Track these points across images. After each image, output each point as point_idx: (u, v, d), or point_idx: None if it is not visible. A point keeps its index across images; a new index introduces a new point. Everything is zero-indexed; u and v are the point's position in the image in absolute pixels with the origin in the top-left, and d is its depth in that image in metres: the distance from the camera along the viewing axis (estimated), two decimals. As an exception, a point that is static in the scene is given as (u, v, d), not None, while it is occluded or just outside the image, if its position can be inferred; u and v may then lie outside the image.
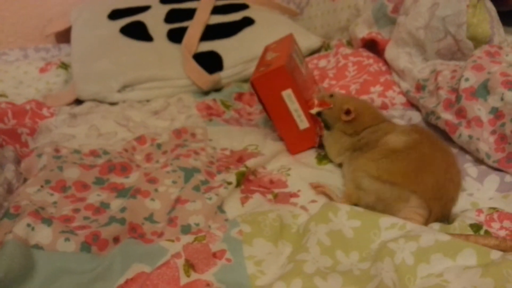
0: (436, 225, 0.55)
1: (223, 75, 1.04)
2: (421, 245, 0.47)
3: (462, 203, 0.61)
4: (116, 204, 0.59)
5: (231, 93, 0.95)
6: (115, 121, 0.82)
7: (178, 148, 0.71)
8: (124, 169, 0.66)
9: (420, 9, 0.89)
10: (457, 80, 0.74)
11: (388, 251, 0.47)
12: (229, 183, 0.61)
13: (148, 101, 1.00)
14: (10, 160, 0.69)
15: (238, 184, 0.63)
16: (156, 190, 0.60)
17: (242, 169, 0.64)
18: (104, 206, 0.58)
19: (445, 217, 0.57)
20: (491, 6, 0.89)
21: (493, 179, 0.64)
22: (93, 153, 0.73)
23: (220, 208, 0.59)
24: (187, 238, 0.49)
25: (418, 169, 0.56)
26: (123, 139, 0.78)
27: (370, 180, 0.58)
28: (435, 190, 0.55)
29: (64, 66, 1.14)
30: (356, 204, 0.58)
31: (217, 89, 1.05)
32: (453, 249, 0.47)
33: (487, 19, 0.86)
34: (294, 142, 0.74)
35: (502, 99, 0.68)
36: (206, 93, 1.03)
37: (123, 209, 0.55)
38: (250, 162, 0.66)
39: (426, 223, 0.55)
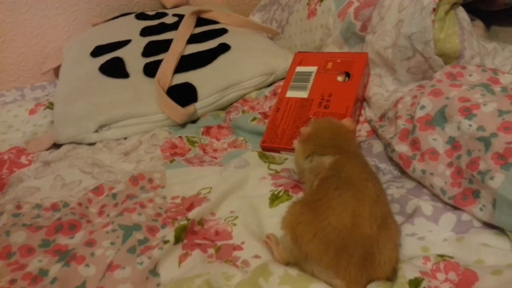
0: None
1: (198, 106, 1.03)
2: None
3: (411, 249, 0.57)
4: (55, 270, 0.59)
5: (199, 128, 0.94)
6: (80, 169, 0.83)
7: (127, 200, 0.71)
8: (72, 228, 0.66)
9: (386, 27, 0.85)
10: (415, 108, 0.70)
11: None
12: (166, 242, 0.60)
13: (125, 138, 1.01)
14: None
15: (179, 240, 0.62)
16: (92, 254, 0.59)
17: (183, 222, 0.63)
18: (42, 273, 0.59)
19: (385, 278, 0.53)
20: (463, 16, 0.84)
21: (449, 217, 0.59)
22: (54, 207, 0.75)
23: (154, 272, 0.57)
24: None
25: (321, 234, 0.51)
26: (86, 188, 0.79)
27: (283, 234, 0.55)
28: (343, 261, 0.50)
29: (51, 106, 1.16)
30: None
31: (194, 120, 1.05)
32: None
33: (457, 33, 0.80)
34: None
35: (458, 128, 0.63)
36: (182, 125, 1.03)
37: (53, 280, 0.55)
38: (193, 213, 0.65)
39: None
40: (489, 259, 0.53)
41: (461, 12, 0.84)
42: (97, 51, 1.17)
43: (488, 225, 0.57)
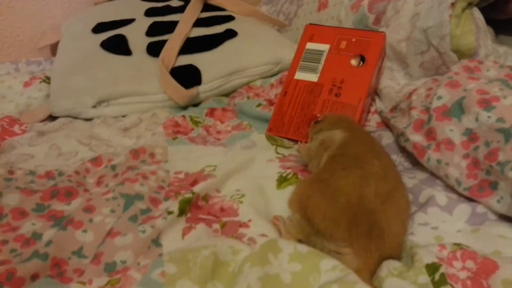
0: (392, 263, 0.50)
1: (201, 90, 1.01)
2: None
3: (424, 238, 0.56)
4: (49, 234, 0.56)
5: (203, 109, 0.91)
6: (77, 140, 0.80)
7: (129, 171, 0.68)
8: (69, 194, 0.63)
9: (401, 20, 0.84)
10: (431, 99, 0.68)
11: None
12: (170, 213, 0.57)
13: (124, 116, 0.98)
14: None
15: (183, 213, 0.59)
16: (91, 220, 0.56)
17: (188, 195, 0.60)
18: (36, 237, 0.55)
19: (393, 253, 0.52)
20: (478, 16, 0.83)
21: (464, 209, 0.58)
22: (48, 175, 0.71)
23: (156, 241, 0.54)
24: (100, 281, 0.45)
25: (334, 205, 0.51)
26: (82, 159, 0.75)
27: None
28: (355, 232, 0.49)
29: (48, 80, 1.12)
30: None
31: (195, 103, 1.02)
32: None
33: (472, 30, 0.79)
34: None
35: (477, 119, 0.62)
36: (184, 107, 1.00)
37: (48, 243, 0.52)
38: (198, 187, 0.62)
39: (365, 265, 0.49)
40: (508, 251, 0.51)
41: (476, 12, 0.84)
42: (99, 28, 1.14)
43: (504, 218, 0.56)
